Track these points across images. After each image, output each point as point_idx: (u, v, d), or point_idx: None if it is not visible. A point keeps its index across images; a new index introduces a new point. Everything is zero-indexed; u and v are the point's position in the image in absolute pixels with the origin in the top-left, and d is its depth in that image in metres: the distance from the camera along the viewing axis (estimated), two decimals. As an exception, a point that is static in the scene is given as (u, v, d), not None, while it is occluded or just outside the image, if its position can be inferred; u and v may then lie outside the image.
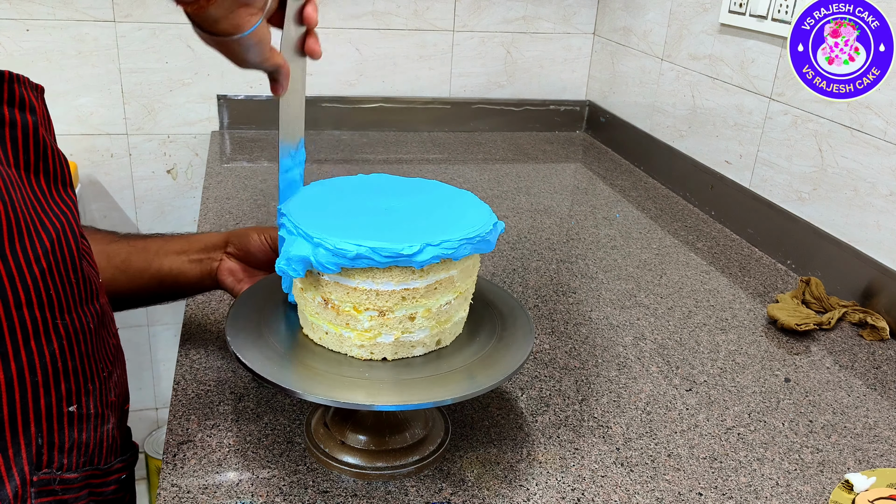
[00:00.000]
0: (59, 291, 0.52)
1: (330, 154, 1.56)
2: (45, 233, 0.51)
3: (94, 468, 0.58)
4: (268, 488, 0.62)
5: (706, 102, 1.36)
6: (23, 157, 0.52)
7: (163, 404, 1.87)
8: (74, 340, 0.54)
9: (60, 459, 0.54)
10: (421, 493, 0.62)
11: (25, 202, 0.50)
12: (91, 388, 0.56)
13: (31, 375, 0.51)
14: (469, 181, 1.45)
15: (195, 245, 0.78)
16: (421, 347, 0.62)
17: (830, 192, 1.08)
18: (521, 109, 1.82)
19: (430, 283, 0.59)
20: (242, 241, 0.77)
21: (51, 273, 0.51)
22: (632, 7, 1.61)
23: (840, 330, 0.96)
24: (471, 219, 0.62)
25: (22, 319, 0.49)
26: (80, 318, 0.55)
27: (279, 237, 0.64)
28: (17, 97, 0.51)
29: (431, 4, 1.67)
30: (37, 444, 0.53)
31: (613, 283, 1.05)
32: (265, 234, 0.78)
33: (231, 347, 0.60)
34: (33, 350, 0.50)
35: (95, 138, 1.60)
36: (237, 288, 0.77)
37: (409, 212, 0.63)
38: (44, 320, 0.51)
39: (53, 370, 0.52)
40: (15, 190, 0.49)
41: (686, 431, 0.73)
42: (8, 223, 0.48)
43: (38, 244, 0.50)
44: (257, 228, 0.79)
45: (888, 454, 0.72)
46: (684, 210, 1.36)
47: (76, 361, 0.54)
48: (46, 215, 0.52)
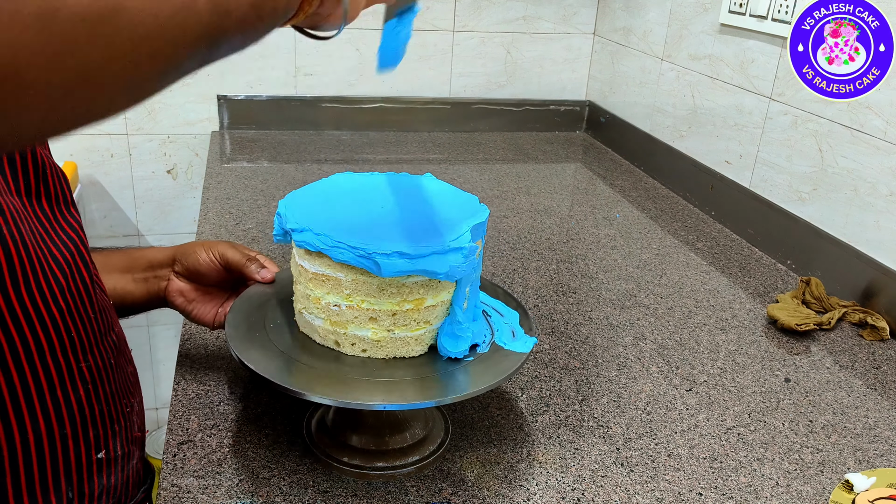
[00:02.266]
0: (80, 330, 0.50)
1: (330, 154, 1.56)
2: (56, 266, 0.48)
3: None
4: (268, 488, 0.62)
5: (706, 102, 1.36)
6: (23, 181, 0.49)
7: (163, 404, 1.87)
8: (98, 381, 0.52)
9: None
10: (421, 493, 0.62)
11: (34, 233, 0.48)
12: (117, 429, 0.55)
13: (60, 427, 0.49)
14: (469, 181, 1.45)
15: (140, 262, 0.73)
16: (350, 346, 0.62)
17: (830, 192, 1.08)
18: (521, 109, 1.82)
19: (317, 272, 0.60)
20: (189, 259, 0.71)
21: (69, 312, 0.49)
22: (632, 7, 1.61)
23: (840, 330, 0.96)
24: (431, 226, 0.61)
25: (45, 366, 0.47)
26: (102, 355, 0.52)
27: None
28: None
29: (431, 4, 1.67)
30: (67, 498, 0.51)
31: (613, 283, 1.05)
32: (213, 251, 0.72)
33: (231, 347, 0.60)
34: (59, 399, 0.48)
35: (95, 138, 1.60)
36: (188, 308, 0.72)
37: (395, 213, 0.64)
38: (67, 365, 0.49)
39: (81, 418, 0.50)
40: (23, 221, 0.47)
41: (686, 431, 0.73)
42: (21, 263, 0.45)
43: (52, 281, 0.48)
44: (203, 244, 0.73)
45: (888, 454, 0.72)
46: (684, 210, 1.36)
47: (101, 404, 0.52)
48: (55, 245, 0.49)
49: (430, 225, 0.61)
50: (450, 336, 0.62)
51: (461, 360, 0.62)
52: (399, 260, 0.56)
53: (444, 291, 0.61)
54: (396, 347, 0.62)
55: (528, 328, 0.66)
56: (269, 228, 1.16)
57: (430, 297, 0.60)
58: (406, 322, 0.60)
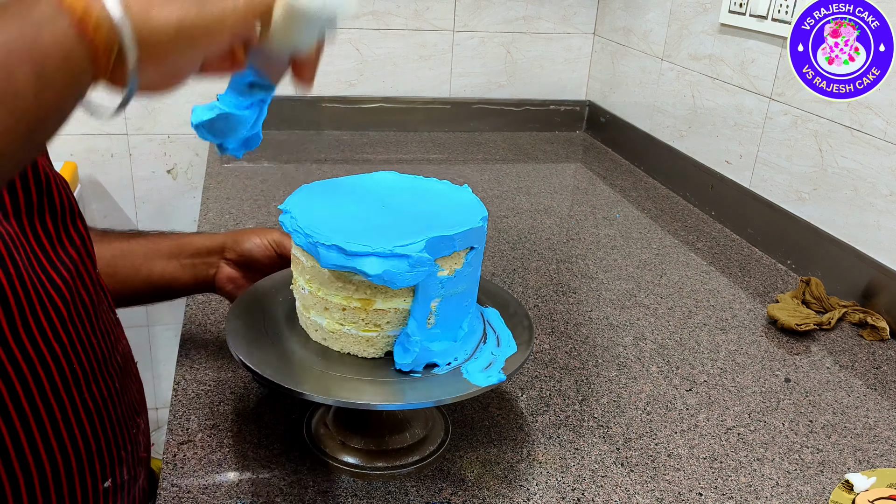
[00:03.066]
0: (83, 360, 0.49)
1: (330, 154, 1.56)
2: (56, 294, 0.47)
3: None
4: (268, 488, 0.62)
5: (706, 102, 1.36)
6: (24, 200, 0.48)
7: (163, 404, 1.87)
8: (104, 409, 0.51)
9: None
10: (421, 493, 0.62)
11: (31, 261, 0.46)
12: (124, 455, 0.54)
13: (65, 461, 0.48)
14: (469, 181, 1.45)
15: (187, 249, 0.73)
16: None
17: (830, 192, 1.08)
18: (521, 109, 1.82)
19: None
20: (243, 247, 0.73)
21: (71, 343, 0.47)
22: (632, 7, 1.61)
23: (840, 330, 0.96)
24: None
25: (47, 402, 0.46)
26: (106, 381, 0.51)
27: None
28: None
29: (431, 4, 1.67)
30: None
31: (613, 283, 1.05)
32: (267, 238, 0.73)
33: (231, 347, 0.60)
34: (63, 434, 0.47)
35: (95, 138, 1.60)
36: (237, 295, 0.73)
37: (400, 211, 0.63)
38: (70, 398, 0.47)
39: (86, 450, 0.49)
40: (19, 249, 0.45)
41: (686, 431, 0.73)
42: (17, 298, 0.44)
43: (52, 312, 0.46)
44: (257, 231, 0.74)
45: (888, 454, 0.72)
46: (684, 210, 1.36)
47: (107, 432, 0.51)
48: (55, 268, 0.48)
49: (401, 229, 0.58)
50: (400, 346, 0.60)
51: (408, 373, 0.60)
52: (335, 254, 0.56)
53: (396, 298, 0.59)
54: (349, 343, 0.61)
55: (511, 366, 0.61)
56: (269, 228, 1.16)
57: (379, 301, 0.59)
58: (355, 320, 0.60)
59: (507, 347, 0.65)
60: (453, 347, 0.62)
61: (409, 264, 0.56)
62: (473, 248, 0.61)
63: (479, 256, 0.63)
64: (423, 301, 0.59)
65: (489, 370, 0.60)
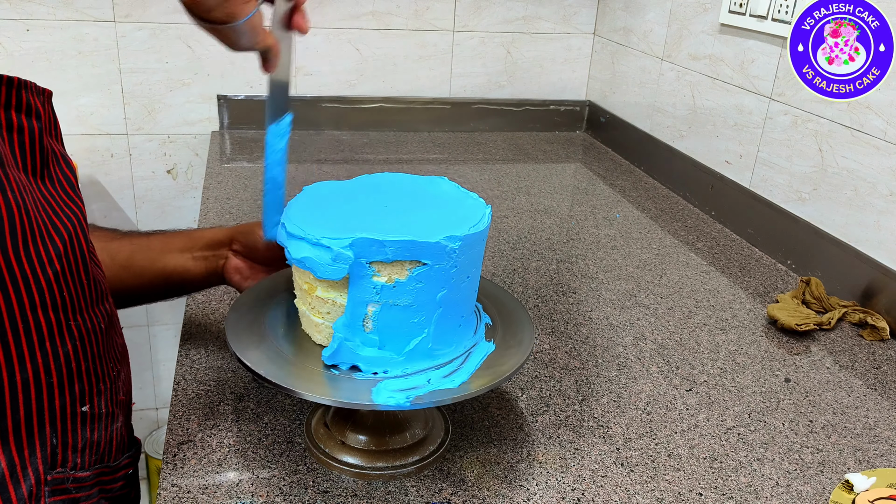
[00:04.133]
0: (72, 293, 0.52)
1: (330, 154, 1.56)
2: (57, 236, 0.51)
3: (104, 465, 0.59)
4: (268, 488, 0.62)
5: (706, 102, 1.36)
6: (30, 162, 0.52)
7: (163, 404, 1.87)
8: (87, 341, 0.55)
9: (74, 459, 0.55)
10: (421, 493, 0.63)
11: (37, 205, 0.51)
12: (102, 388, 0.57)
13: (47, 376, 0.51)
14: (469, 181, 1.45)
15: (199, 242, 0.77)
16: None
17: (830, 192, 1.08)
18: (521, 109, 1.82)
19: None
20: (248, 238, 0.76)
21: (63, 276, 0.51)
22: (632, 7, 1.61)
23: (840, 330, 0.96)
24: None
25: (37, 321, 0.50)
26: (91, 319, 0.55)
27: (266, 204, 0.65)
28: (25, 103, 0.51)
29: (431, 4, 1.67)
30: (51, 444, 0.53)
31: (613, 283, 1.05)
32: None
33: (231, 347, 0.60)
34: (48, 351, 0.51)
35: (95, 138, 1.60)
36: (244, 285, 0.76)
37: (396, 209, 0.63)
38: (58, 321, 0.51)
39: (67, 371, 0.53)
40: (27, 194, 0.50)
41: (686, 431, 0.73)
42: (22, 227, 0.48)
43: (50, 247, 0.50)
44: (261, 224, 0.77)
45: (888, 454, 0.72)
46: (684, 210, 1.36)
47: (88, 362, 0.55)
48: (58, 217, 0.52)
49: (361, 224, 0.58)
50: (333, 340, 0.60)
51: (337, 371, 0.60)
52: (281, 230, 0.61)
53: (332, 290, 0.59)
54: (311, 328, 0.64)
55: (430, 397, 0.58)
56: (269, 228, 1.16)
57: (319, 288, 0.61)
58: (310, 303, 0.62)
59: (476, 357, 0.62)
60: (388, 359, 0.60)
61: (331, 257, 0.56)
62: (425, 265, 0.57)
63: (437, 276, 0.58)
64: (356, 301, 0.58)
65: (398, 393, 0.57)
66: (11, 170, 0.49)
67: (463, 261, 0.59)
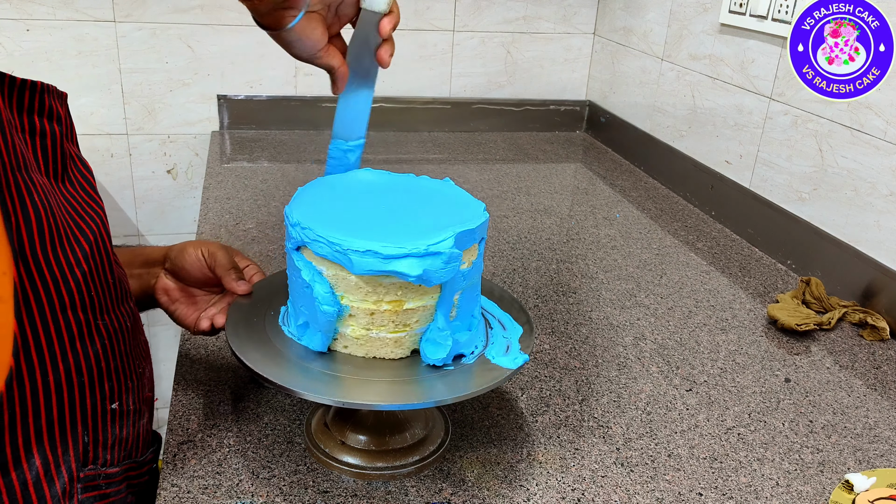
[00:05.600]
0: (100, 293, 0.53)
1: (330, 154, 1.56)
2: (82, 237, 0.52)
3: (132, 461, 0.60)
4: (268, 488, 0.62)
5: (706, 102, 1.36)
6: (52, 165, 0.53)
7: (163, 404, 1.87)
8: (115, 339, 0.56)
9: (105, 455, 0.56)
10: (421, 493, 0.62)
11: (62, 208, 0.51)
12: (130, 386, 0.59)
13: (78, 376, 0.52)
14: (469, 181, 1.45)
15: (137, 259, 0.74)
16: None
17: (830, 192, 1.08)
18: (521, 109, 1.82)
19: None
20: (178, 257, 0.72)
21: (91, 276, 0.52)
22: (632, 7, 1.61)
23: (840, 330, 0.96)
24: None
25: (67, 321, 0.51)
26: (118, 318, 0.56)
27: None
28: (47, 107, 0.52)
29: (431, 4, 1.67)
30: (83, 443, 0.54)
31: (613, 283, 1.05)
32: (203, 249, 0.72)
33: (231, 347, 0.60)
34: (79, 351, 0.52)
35: (95, 138, 1.60)
36: (171, 308, 0.73)
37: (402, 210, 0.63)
38: (87, 321, 0.52)
39: (98, 370, 0.54)
40: (52, 197, 0.51)
41: (686, 431, 0.73)
42: (49, 230, 0.49)
43: (77, 249, 0.51)
44: (197, 243, 0.73)
45: (888, 454, 0.72)
46: (684, 210, 1.36)
47: (117, 360, 0.56)
48: (82, 219, 0.53)
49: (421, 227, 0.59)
50: (430, 342, 0.60)
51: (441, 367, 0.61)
52: (372, 259, 0.55)
53: (426, 296, 0.59)
54: (375, 347, 0.61)
55: (527, 345, 0.64)
56: (268, 229, 1.16)
57: (409, 301, 0.59)
58: (384, 322, 0.59)
59: (513, 329, 0.66)
60: (473, 337, 0.63)
61: (443, 261, 0.56)
62: (483, 239, 0.62)
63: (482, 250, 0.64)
64: (449, 295, 0.60)
65: (510, 353, 0.62)
66: (35, 174, 0.50)
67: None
